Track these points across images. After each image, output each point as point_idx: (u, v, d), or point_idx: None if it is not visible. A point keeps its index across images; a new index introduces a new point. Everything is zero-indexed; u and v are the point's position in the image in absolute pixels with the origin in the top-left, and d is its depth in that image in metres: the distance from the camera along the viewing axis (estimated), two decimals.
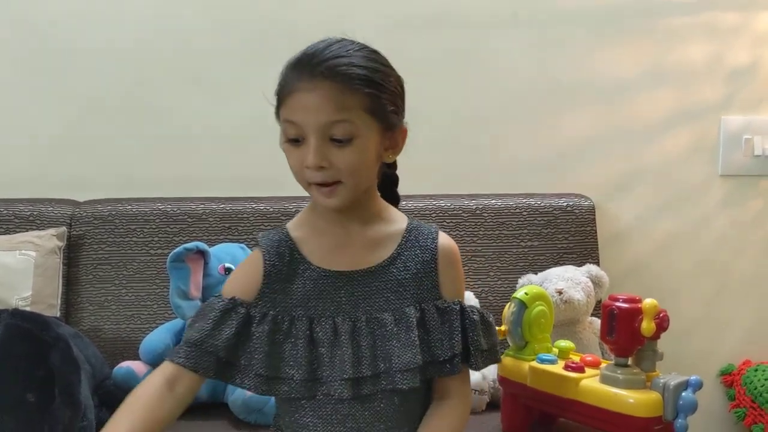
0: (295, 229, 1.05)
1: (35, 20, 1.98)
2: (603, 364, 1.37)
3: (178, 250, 1.62)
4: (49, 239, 1.79)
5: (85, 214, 1.88)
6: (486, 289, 1.87)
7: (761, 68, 2.06)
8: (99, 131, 2.00)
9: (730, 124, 2.06)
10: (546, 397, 1.40)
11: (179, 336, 1.64)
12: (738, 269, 2.11)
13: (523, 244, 1.91)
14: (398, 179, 1.13)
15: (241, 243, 1.79)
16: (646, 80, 2.05)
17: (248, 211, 1.89)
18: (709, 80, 2.06)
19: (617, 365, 1.32)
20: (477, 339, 1.05)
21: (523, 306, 1.46)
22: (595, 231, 1.94)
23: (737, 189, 2.09)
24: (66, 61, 1.99)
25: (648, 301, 1.27)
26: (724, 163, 2.07)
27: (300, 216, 1.08)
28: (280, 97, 0.99)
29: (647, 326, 1.27)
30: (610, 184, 2.06)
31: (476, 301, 1.73)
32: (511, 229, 1.91)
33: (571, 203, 1.94)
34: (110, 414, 1.01)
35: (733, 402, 2.03)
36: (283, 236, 1.04)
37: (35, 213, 1.87)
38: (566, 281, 1.71)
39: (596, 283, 1.75)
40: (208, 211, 1.88)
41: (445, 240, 1.07)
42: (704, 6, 2.04)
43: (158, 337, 1.65)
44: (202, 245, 1.65)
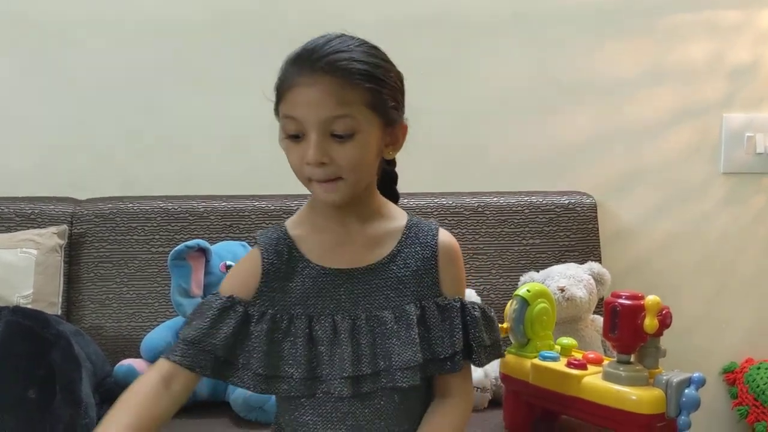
0: (294, 227, 1.04)
1: (36, 19, 1.98)
2: (605, 362, 1.37)
3: (179, 247, 1.62)
4: (50, 237, 1.78)
5: (86, 212, 1.88)
6: (488, 286, 1.87)
7: (763, 66, 2.05)
8: (100, 130, 2.00)
9: (731, 121, 2.06)
10: (548, 395, 1.39)
11: None
12: (740, 267, 2.11)
13: (525, 242, 1.90)
14: (397, 176, 1.12)
15: (242, 241, 1.79)
16: (648, 78, 2.05)
17: (249, 209, 1.89)
18: (710, 78, 2.05)
19: (620, 362, 1.31)
20: (479, 335, 1.04)
21: (525, 303, 1.46)
22: (597, 229, 1.93)
23: (739, 187, 2.09)
24: (67, 59, 1.99)
25: (651, 298, 1.27)
26: (726, 160, 2.07)
27: (299, 214, 1.07)
28: (280, 92, 0.98)
29: (650, 323, 1.26)
30: (612, 182, 2.06)
31: (478, 299, 1.73)
32: (512, 226, 1.91)
33: (573, 201, 1.94)
34: None
35: (736, 400, 2.03)
36: (282, 234, 1.03)
37: (36, 211, 1.86)
38: (568, 279, 1.71)
39: (598, 280, 1.75)
40: (209, 209, 1.88)
41: (445, 237, 1.06)
42: (705, 4, 2.03)
43: (159, 334, 1.65)
44: (203, 243, 1.65)
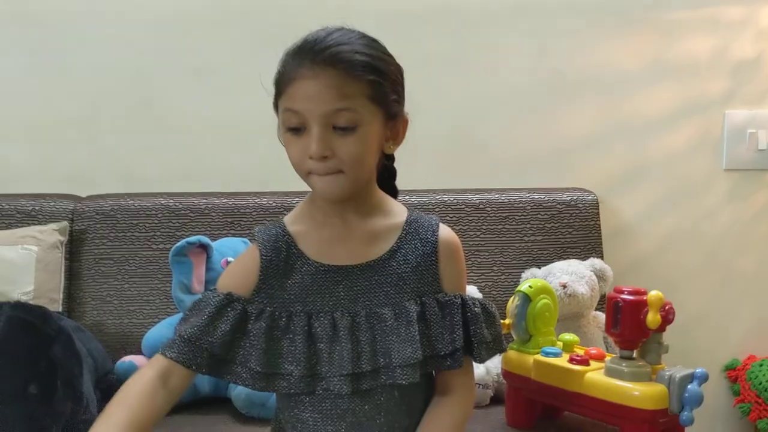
0: (293, 223, 1.03)
1: (37, 16, 1.98)
2: (608, 357, 1.36)
3: (180, 243, 1.62)
4: (51, 234, 1.78)
5: (87, 209, 1.87)
6: (489, 283, 1.86)
7: (765, 62, 2.05)
8: (101, 126, 2.00)
9: (734, 118, 2.05)
10: (550, 391, 1.39)
11: None
12: (742, 264, 2.10)
13: (527, 239, 1.90)
14: (396, 172, 1.10)
15: (243, 237, 1.79)
16: (650, 74, 2.04)
17: (251, 206, 1.89)
18: (712, 74, 2.05)
19: (622, 358, 1.31)
20: (480, 332, 1.03)
21: (527, 299, 1.46)
22: (599, 225, 1.93)
23: (741, 183, 2.08)
24: (68, 56, 1.99)
25: (653, 293, 1.27)
26: (728, 157, 2.06)
27: (298, 209, 1.05)
28: (280, 85, 0.97)
29: (653, 318, 1.26)
30: (613, 178, 2.05)
31: (480, 296, 1.72)
32: (514, 223, 1.90)
33: (575, 198, 1.93)
34: None
35: (738, 397, 2.02)
36: (280, 230, 1.02)
37: (37, 208, 1.86)
38: (570, 275, 1.70)
39: (600, 276, 1.74)
40: (210, 206, 1.88)
41: (445, 232, 1.05)
42: (708, 0, 2.03)
43: (161, 331, 1.65)
44: (204, 239, 1.65)
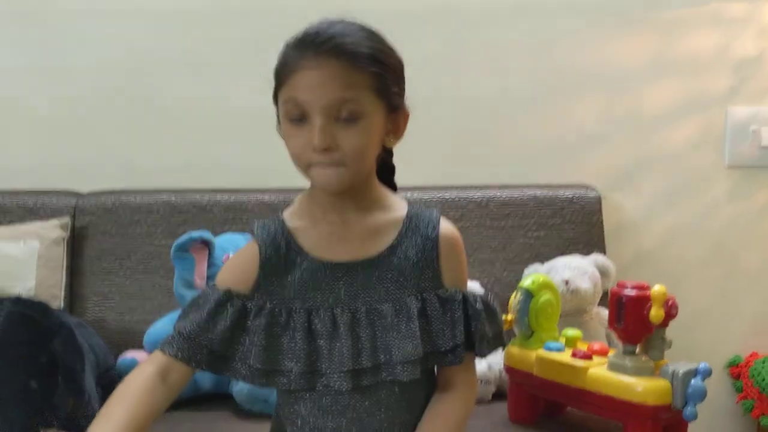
0: (292, 219, 1.02)
1: (37, 12, 1.97)
2: (611, 353, 1.36)
3: (182, 238, 1.61)
4: (53, 230, 1.78)
5: (89, 205, 1.87)
6: (492, 280, 1.86)
7: None
8: (102, 122, 2.00)
9: (736, 115, 2.05)
10: (553, 386, 1.39)
11: None
12: (744, 261, 2.10)
13: (529, 235, 1.89)
14: (395, 168, 1.09)
15: (245, 233, 1.78)
16: (652, 71, 2.03)
17: (253, 202, 1.89)
18: (715, 71, 2.04)
19: (625, 353, 1.31)
20: (481, 327, 1.02)
21: (529, 295, 1.45)
22: (602, 222, 1.92)
23: (744, 180, 2.07)
24: (69, 52, 1.98)
25: (657, 288, 1.26)
26: (731, 154, 2.06)
27: (296, 205, 1.04)
28: (281, 76, 0.96)
29: (656, 313, 1.25)
30: (616, 175, 2.05)
31: (481, 291, 1.71)
32: (517, 219, 1.90)
33: (578, 194, 1.93)
34: None
35: (741, 394, 2.02)
36: (280, 226, 1.01)
37: (39, 204, 1.86)
38: (573, 270, 1.69)
39: (603, 272, 1.73)
40: (212, 202, 1.88)
41: (446, 227, 1.03)
42: None
43: (164, 326, 1.64)
44: (207, 234, 1.64)
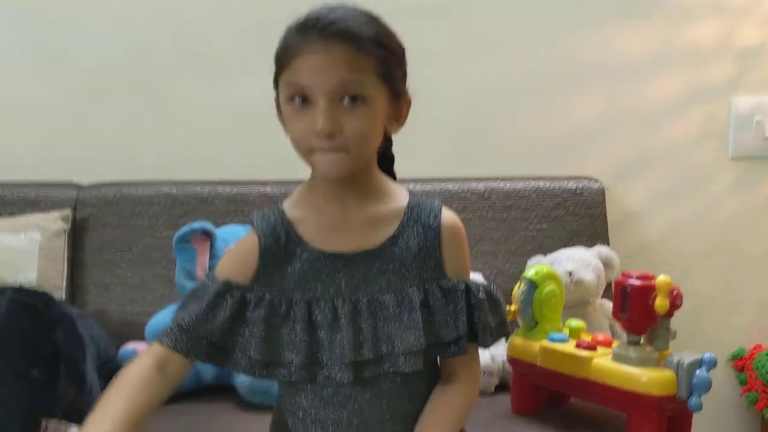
0: (292, 209, 1.01)
1: (38, 2, 1.96)
2: (615, 343, 1.35)
3: (183, 230, 1.61)
4: (54, 222, 1.77)
5: (90, 196, 1.87)
6: (494, 271, 1.84)
7: None
8: (103, 114, 1.99)
9: (740, 105, 2.03)
10: (557, 377, 1.38)
11: None
12: (748, 253, 2.09)
13: (532, 227, 1.89)
14: (394, 157, 1.08)
15: (247, 225, 1.77)
16: (655, 62, 2.02)
17: (254, 194, 1.88)
18: (718, 61, 2.02)
19: (630, 343, 1.30)
20: (484, 318, 1.01)
21: (533, 286, 1.44)
22: (605, 213, 1.91)
23: (748, 172, 2.06)
24: (70, 44, 1.97)
25: (662, 278, 1.26)
26: (735, 145, 2.04)
27: (297, 195, 1.03)
28: (283, 61, 0.94)
29: (661, 303, 1.25)
30: (619, 166, 2.04)
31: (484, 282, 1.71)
32: (520, 211, 1.89)
33: (581, 186, 1.92)
34: None
35: (745, 386, 2.01)
36: (279, 217, 1.00)
37: (40, 196, 1.86)
38: (576, 262, 1.68)
39: (606, 264, 1.72)
40: (213, 195, 1.87)
41: (448, 216, 1.02)
42: None
43: (165, 318, 1.64)
44: (208, 225, 1.64)
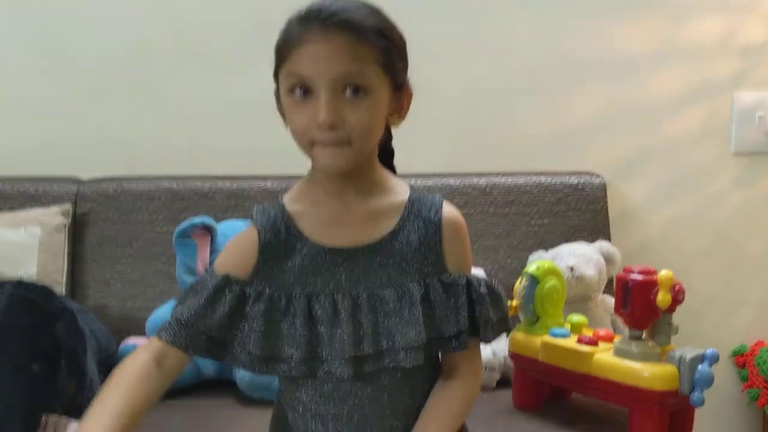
0: (292, 203, 1.00)
1: (38, 0, 1.97)
2: (617, 338, 1.35)
3: (184, 224, 1.60)
4: (54, 216, 1.77)
5: (90, 191, 1.86)
6: (496, 267, 1.84)
7: None
8: (104, 109, 1.98)
9: (742, 101, 2.03)
10: (558, 372, 1.37)
11: None
12: (750, 249, 2.08)
13: (534, 222, 1.88)
14: (394, 151, 1.08)
15: (247, 220, 1.77)
16: (658, 57, 2.01)
17: (255, 189, 1.88)
18: (721, 56, 2.02)
19: (632, 338, 1.30)
20: (485, 312, 1.00)
21: (534, 281, 1.44)
22: (607, 209, 1.91)
23: (750, 167, 2.06)
24: (70, 39, 1.97)
25: (663, 273, 1.25)
26: (737, 141, 2.04)
27: (297, 188, 1.02)
28: (284, 52, 0.93)
29: (663, 298, 1.24)
30: (621, 161, 2.03)
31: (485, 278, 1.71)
32: (521, 207, 1.88)
33: (582, 181, 1.91)
34: None
35: (746, 383, 2.01)
36: (279, 211, 0.99)
37: (40, 191, 1.85)
38: (578, 257, 1.68)
39: (608, 259, 1.72)
40: (214, 189, 1.87)
41: (449, 210, 1.02)
42: None
43: (165, 313, 1.63)
44: (209, 220, 1.63)
